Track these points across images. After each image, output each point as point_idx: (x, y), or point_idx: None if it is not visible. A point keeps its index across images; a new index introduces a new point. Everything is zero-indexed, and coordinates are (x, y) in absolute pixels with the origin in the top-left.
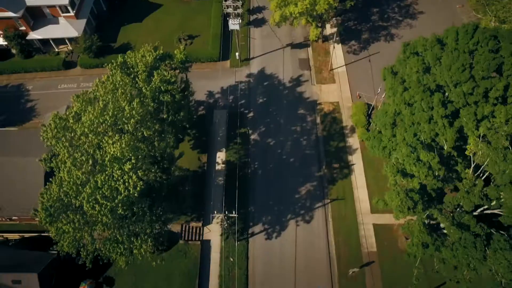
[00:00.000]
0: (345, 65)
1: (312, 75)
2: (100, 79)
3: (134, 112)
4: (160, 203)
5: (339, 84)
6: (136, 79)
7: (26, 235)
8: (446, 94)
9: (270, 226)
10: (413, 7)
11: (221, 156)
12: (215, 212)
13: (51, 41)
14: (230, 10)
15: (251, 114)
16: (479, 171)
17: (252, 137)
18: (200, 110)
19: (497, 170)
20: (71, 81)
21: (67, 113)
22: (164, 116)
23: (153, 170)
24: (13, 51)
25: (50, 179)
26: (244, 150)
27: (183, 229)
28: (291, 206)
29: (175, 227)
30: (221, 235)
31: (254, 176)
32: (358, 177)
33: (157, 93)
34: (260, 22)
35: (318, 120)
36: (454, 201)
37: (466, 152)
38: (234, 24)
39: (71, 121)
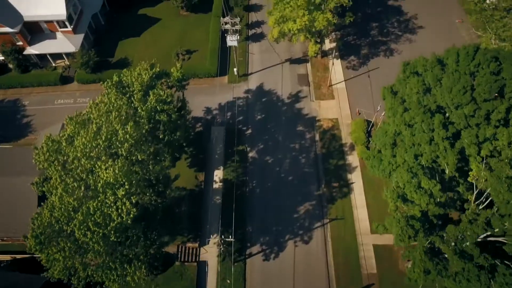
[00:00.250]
0: (344, 80)
1: (311, 91)
2: (94, 100)
3: (128, 136)
4: (155, 226)
5: (338, 100)
6: (132, 98)
7: (18, 256)
8: (447, 114)
9: (268, 247)
10: (412, 22)
11: (218, 174)
12: (211, 236)
13: (48, 56)
14: (228, 26)
15: (249, 131)
16: (483, 197)
17: (250, 154)
18: (198, 126)
19: (501, 199)
20: (67, 96)
21: (61, 134)
22: (160, 136)
23: (147, 194)
24: (10, 66)
25: (42, 204)
26: (242, 168)
27: (180, 250)
28: (289, 226)
29: (171, 248)
30: (218, 256)
31: (252, 195)
32: (358, 196)
33: (153, 113)
34: (259, 37)
35: (317, 137)
36: (456, 232)
37: (469, 179)
38: (232, 41)
39: (64, 144)
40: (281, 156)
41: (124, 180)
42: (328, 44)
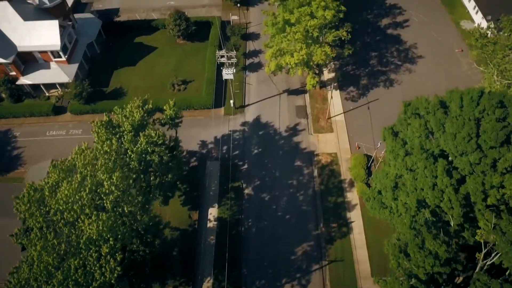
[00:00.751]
0: (344, 113)
1: (309, 124)
2: (80, 146)
3: (113, 188)
4: (143, 278)
5: (337, 133)
6: (122, 139)
7: None
8: (450, 158)
9: None
10: (412, 51)
11: (213, 212)
12: (205, 280)
13: (41, 86)
14: (224, 59)
15: (246, 166)
16: (491, 257)
17: (246, 191)
18: (192, 161)
19: None
20: (60, 127)
21: (44, 182)
22: (151, 178)
23: (135, 246)
24: (3, 95)
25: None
26: (237, 206)
27: None
28: (286, 268)
29: None
30: None
31: (248, 234)
32: (358, 236)
33: (143, 155)
34: (256, 67)
35: (316, 173)
36: None
37: (477, 237)
38: (228, 74)
39: (46, 192)
40: (278, 193)
41: (108, 236)
42: (326, 75)
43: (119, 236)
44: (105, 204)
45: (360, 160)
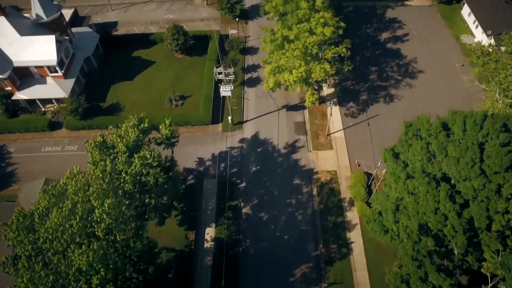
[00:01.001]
0: (343, 129)
1: (309, 141)
2: (72, 170)
3: (105, 215)
4: None
5: (336, 150)
6: (116, 160)
7: None
8: (453, 181)
9: None
10: (412, 66)
11: (210, 232)
12: None
13: (37, 101)
14: (221, 76)
15: (243, 184)
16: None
17: (244, 210)
18: (190, 179)
19: None
20: (55, 143)
21: (34, 207)
22: (146, 201)
23: (127, 274)
24: None
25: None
26: (235, 225)
27: None
28: None
29: None
30: None
31: (246, 255)
32: (358, 257)
33: (138, 177)
34: (255, 82)
35: (315, 191)
36: None
37: (482, 270)
38: (225, 91)
39: (36, 219)
40: (276, 213)
41: (99, 266)
42: (326, 90)
43: (110, 266)
44: (96, 233)
45: (360, 178)
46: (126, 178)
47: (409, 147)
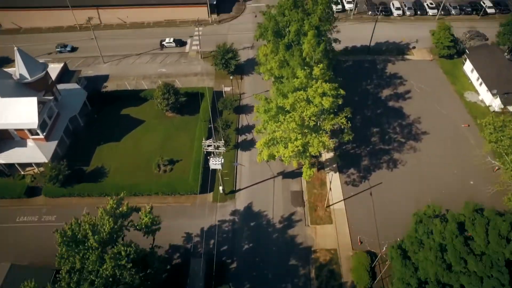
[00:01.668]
0: (344, 199)
1: (306, 213)
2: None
3: None
4: None
5: (336, 225)
6: (84, 257)
7: None
8: None
9: None
10: (415, 127)
11: None
12: None
13: (16, 165)
14: (211, 149)
15: (235, 264)
16: None
17: None
18: (175, 258)
19: None
20: (32, 212)
21: None
22: None
23: None
24: None
25: None
26: None
27: None
28: None
29: None
30: None
31: None
32: None
33: (110, 279)
34: (250, 145)
35: (313, 273)
36: None
37: None
38: (215, 164)
39: None
40: None
41: None
42: (325, 155)
43: None
44: None
45: (362, 259)
46: (96, 282)
47: (420, 246)
